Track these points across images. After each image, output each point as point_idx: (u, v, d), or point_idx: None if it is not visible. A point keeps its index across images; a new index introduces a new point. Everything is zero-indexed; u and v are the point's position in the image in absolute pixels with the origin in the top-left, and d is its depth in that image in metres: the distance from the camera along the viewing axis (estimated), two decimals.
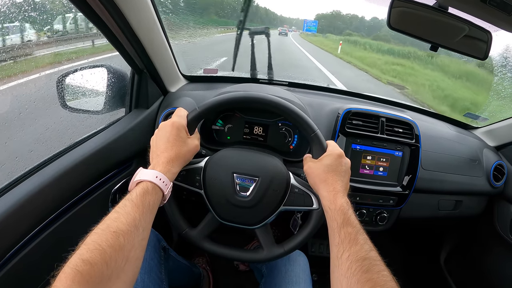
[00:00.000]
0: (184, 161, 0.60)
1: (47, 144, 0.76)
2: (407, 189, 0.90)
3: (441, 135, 1.04)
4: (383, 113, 0.91)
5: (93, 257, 0.38)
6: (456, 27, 0.70)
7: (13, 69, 0.82)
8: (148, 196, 0.49)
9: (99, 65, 0.85)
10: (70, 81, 0.80)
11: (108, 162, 0.78)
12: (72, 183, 0.66)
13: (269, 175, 0.65)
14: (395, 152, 0.91)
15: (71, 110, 0.82)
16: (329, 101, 1.00)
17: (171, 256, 0.82)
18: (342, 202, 0.55)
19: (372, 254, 0.48)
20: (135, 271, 0.45)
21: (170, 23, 0.92)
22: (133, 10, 0.67)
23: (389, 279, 0.45)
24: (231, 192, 0.64)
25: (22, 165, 0.63)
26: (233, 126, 0.92)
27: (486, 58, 0.74)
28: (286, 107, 0.65)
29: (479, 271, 1.17)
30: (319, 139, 0.64)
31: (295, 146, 0.91)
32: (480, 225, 1.16)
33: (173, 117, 0.62)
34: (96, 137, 0.76)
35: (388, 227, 0.96)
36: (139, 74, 0.87)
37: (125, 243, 0.42)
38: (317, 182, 0.60)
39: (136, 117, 0.87)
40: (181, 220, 0.67)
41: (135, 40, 0.73)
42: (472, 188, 1.02)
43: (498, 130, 1.10)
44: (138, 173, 0.53)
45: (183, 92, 0.99)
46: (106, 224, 0.44)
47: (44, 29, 1.17)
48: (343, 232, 0.51)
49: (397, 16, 0.69)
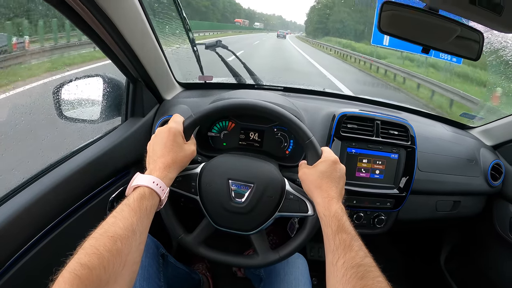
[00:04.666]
0: (181, 166, 0.61)
1: (43, 154, 0.76)
2: (404, 191, 0.90)
3: (437, 136, 1.04)
4: (378, 115, 0.91)
5: (91, 262, 0.39)
6: (448, 29, 0.70)
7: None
8: (145, 201, 0.50)
9: (94, 75, 0.86)
10: (66, 91, 0.81)
11: (105, 171, 0.78)
12: (70, 192, 0.67)
13: (264, 181, 0.65)
14: (391, 155, 0.91)
15: (68, 120, 0.82)
16: (324, 105, 1.00)
17: (170, 263, 0.82)
18: (336, 208, 0.55)
19: (367, 260, 0.48)
20: (132, 275, 0.45)
21: (160, 30, 0.93)
22: (124, 20, 0.67)
23: (384, 285, 0.45)
24: (226, 198, 0.64)
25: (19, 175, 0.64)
26: (228, 133, 0.92)
27: (478, 58, 0.74)
28: (281, 113, 0.65)
29: (479, 271, 1.17)
30: (313, 145, 0.64)
31: (291, 151, 0.91)
32: (480, 225, 1.15)
33: (170, 123, 0.62)
34: (93, 146, 0.77)
35: (386, 230, 0.95)
36: (134, 83, 0.88)
37: (123, 248, 0.43)
38: (311, 189, 0.60)
39: (132, 126, 0.87)
40: (176, 226, 0.67)
41: (128, 49, 0.74)
42: (470, 188, 1.01)
43: (494, 129, 1.10)
44: (135, 178, 0.54)
45: (179, 100, 0.99)
46: (103, 229, 0.44)
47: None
48: (338, 238, 0.51)
49: (387, 20, 0.69)
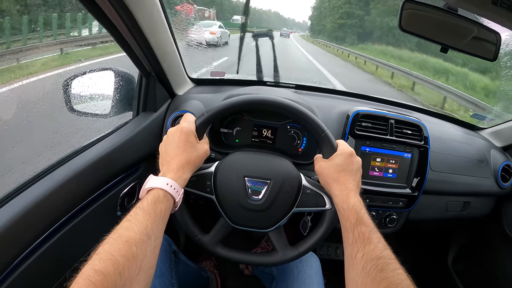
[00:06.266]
0: (195, 166, 0.59)
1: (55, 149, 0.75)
2: (416, 191, 0.90)
3: (449, 136, 1.04)
4: (392, 114, 0.90)
5: (105, 267, 0.38)
6: (465, 29, 0.70)
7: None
8: (159, 204, 0.49)
9: (106, 68, 0.85)
10: (77, 84, 0.79)
11: (117, 166, 0.77)
12: (81, 187, 0.66)
13: (280, 177, 0.64)
14: (404, 154, 0.90)
15: (79, 114, 0.81)
16: (337, 103, 0.99)
17: (181, 260, 0.81)
18: (355, 201, 0.55)
19: (386, 252, 0.48)
20: (148, 280, 0.44)
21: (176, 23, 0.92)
22: (142, 12, 0.66)
23: (404, 277, 0.44)
24: (243, 196, 0.63)
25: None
26: (241, 129, 0.91)
27: (495, 59, 0.74)
28: (295, 108, 0.64)
29: (487, 272, 1.17)
30: (329, 138, 0.63)
31: (304, 148, 0.91)
32: (488, 226, 1.15)
33: (181, 123, 0.61)
34: (104, 141, 0.76)
35: (397, 229, 0.95)
36: (147, 77, 0.87)
37: (138, 252, 0.42)
38: (329, 182, 0.59)
39: (143, 121, 0.86)
40: (193, 227, 0.66)
41: (144, 42, 0.73)
42: (480, 189, 1.01)
43: (505, 130, 1.10)
44: (148, 180, 0.52)
45: (191, 95, 0.98)
46: (118, 234, 0.43)
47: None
48: (357, 231, 0.51)
49: (408, 18, 0.69)
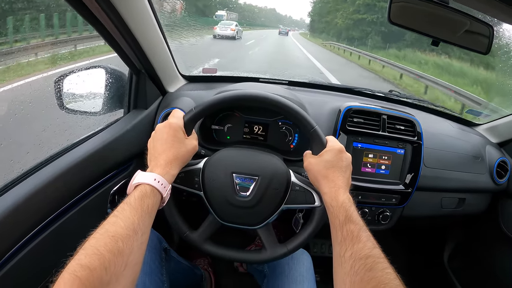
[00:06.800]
0: (183, 162, 0.59)
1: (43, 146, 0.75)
2: (410, 187, 0.89)
3: (443, 132, 1.03)
4: (385, 110, 0.89)
5: (91, 262, 0.38)
6: (457, 22, 0.69)
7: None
8: (146, 199, 0.48)
9: (97, 66, 0.84)
10: (68, 82, 0.79)
11: (107, 163, 0.77)
12: (70, 185, 0.65)
13: (268, 173, 0.64)
14: (397, 150, 0.89)
15: (69, 112, 0.81)
16: (329, 99, 0.99)
17: (172, 257, 0.81)
18: (344, 198, 0.54)
19: (375, 251, 0.47)
20: (134, 275, 0.44)
21: (167, 23, 0.91)
22: (130, 10, 0.66)
23: (393, 277, 0.44)
24: (230, 193, 0.63)
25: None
26: (232, 126, 0.91)
27: (488, 52, 0.73)
28: (283, 103, 0.63)
29: (483, 270, 1.16)
30: (318, 134, 0.63)
31: (296, 145, 0.90)
32: (484, 223, 1.14)
33: (170, 119, 0.61)
34: (94, 138, 0.75)
35: (390, 226, 0.94)
36: (137, 74, 0.87)
37: (124, 248, 0.42)
38: (318, 178, 0.59)
39: (134, 118, 0.86)
40: (181, 223, 0.66)
41: (132, 40, 0.72)
42: (476, 185, 1.00)
43: (500, 126, 1.09)
44: (136, 176, 0.52)
45: (182, 92, 0.98)
46: (104, 229, 0.43)
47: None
48: (346, 229, 0.50)
49: (398, 11, 0.68)
